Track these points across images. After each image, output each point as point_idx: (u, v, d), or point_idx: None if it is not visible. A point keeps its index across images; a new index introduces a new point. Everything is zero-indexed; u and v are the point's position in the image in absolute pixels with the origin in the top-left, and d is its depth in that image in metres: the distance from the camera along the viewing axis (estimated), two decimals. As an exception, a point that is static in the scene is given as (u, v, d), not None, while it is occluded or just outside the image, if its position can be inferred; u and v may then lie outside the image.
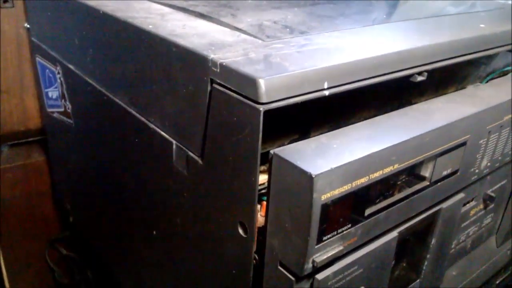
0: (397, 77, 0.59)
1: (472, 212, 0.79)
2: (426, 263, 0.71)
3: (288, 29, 0.66)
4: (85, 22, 0.81)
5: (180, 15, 0.71)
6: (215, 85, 0.52)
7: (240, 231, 0.55)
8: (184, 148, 0.61)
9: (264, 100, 0.47)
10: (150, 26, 0.63)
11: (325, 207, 0.47)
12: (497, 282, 1.09)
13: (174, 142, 0.63)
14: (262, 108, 0.47)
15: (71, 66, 0.90)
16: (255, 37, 0.61)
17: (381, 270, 0.61)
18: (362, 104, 0.69)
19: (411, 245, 0.68)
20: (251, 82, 0.47)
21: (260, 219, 0.55)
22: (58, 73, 0.99)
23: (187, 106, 0.59)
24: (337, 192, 0.48)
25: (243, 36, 0.62)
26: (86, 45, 0.82)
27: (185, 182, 0.63)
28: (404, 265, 0.70)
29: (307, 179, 0.45)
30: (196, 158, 0.59)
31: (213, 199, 0.59)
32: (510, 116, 0.70)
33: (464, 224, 0.79)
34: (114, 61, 0.74)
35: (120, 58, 0.72)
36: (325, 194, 0.47)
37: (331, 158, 0.48)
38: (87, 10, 0.77)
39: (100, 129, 0.87)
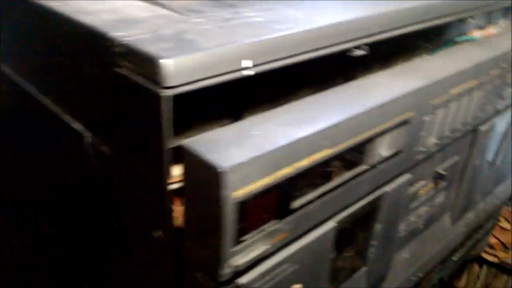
0: (332, 52, 0.54)
1: (422, 192, 0.75)
2: (371, 249, 0.67)
3: (215, 1, 0.59)
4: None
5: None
6: (119, 68, 0.46)
7: (159, 232, 0.50)
8: (96, 140, 0.55)
9: (170, 83, 0.41)
10: (58, 3, 0.55)
11: (240, 204, 0.42)
12: (454, 259, 1.07)
13: (86, 134, 0.56)
14: (168, 93, 0.41)
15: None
16: (175, 11, 0.55)
17: (320, 264, 0.56)
18: (303, 81, 0.63)
19: (354, 233, 0.64)
20: (154, 63, 0.41)
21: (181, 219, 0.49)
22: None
23: (94, 93, 0.52)
24: (255, 186, 0.42)
25: (162, 11, 0.55)
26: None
27: (100, 178, 0.57)
28: (347, 254, 0.65)
29: (215, 174, 0.39)
30: (108, 151, 0.53)
31: (128, 196, 0.53)
32: (457, 89, 0.65)
33: (414, 204, 0.75)
34: (25, 44, 0.66)
35: (30, 41, 0.64)
36: (239, 190, 0.41)
37: (248, 148, 0.42)
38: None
39: (17, 123, 0.80)
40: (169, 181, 0.45)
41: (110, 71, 0.47)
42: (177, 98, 0.42)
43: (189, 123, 0.51)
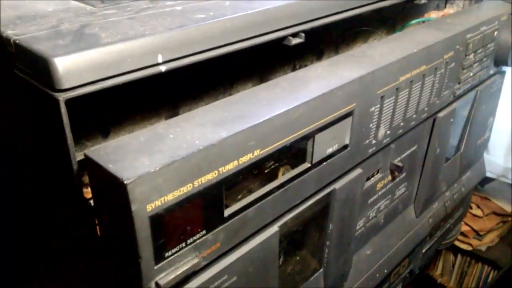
0: (263, 42, 0.49)
1: (379, 186, 0.70)
2: (327, 250, 0.63)
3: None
4: None
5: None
6: (15, 70, 0.40)
7: (86, 243, 0.45)
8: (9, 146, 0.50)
9: (63, 85, 0.36)
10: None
11: (156, 218, 0.37)
12: (423, 250, 1.03)
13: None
14: (62, 97, 0.36)
15: None
16: (86, 3, 0.49)
17: (264, 272, 0.52)
18: (247, 73, 0.59)
19: (305, 234, 0.59)
20: (44, 63, 0.36)
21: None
22: None
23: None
24: (172, 196, 0.37)
25: (72, 3, 0.50)
26: None
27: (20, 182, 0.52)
28: (300, 257, 0.61)
29: (121, 186, 0.34)
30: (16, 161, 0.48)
31: (48, 203, 0.48)
32: (407, 76, 0.60)
33: (372, 199, 0.70)
34: None
35: None
36: (153, 203, 0.36)
37: (161, 154, 0.37)
38: None
39: None
40: (85, 191, 0.40)
41: (9, 73, 0.41)
42: (89, 99, 0.37)
43: (112, 126, 0.46)
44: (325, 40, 0.69)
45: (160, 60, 0.41)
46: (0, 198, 0.60)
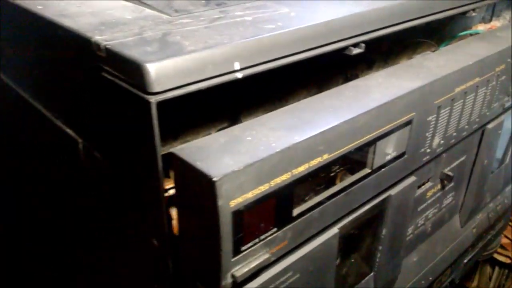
0: (327, 51, 0.51)
1: (429, 194, 0.72)
2: (378, 255, 0.64)
3: (203, 1, 0.57)
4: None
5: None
6: (103, 73, 0.43)
7: (154, 240, 0.47)
8: (88, 146, 0.53)
9: (154, 89, 0.39)
10: (39, 7, 0.53)
11: (237, 214, 0.39)
12: (465, 261, 1.04)
13: (79, 140, 0.54)
14: (153, 100, 0.39)
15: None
16: (161, 12, 0.53)
17: (323, 271, 0.54)
18: (302, 80, 0.61)
19: (359, 238, 0.61)
20: (137, 68, 0.39)
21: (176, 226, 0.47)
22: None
23: (81, 99, 0.50)
24: (252, 194, 0.40)
25: (147, 11, 0.53)
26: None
27: (94, 185, 0.55)
28: (353, 260, 0.63)
29: (209, 183, 0.37)
30: (101, 157, 0.51)
31: (123, 204, 0.51)
32: (462, 87, 0.62)
33: (421, 207, 0.72)
34: (13, 49, 0.65)
35: (17, 45, 0.62)
36: (236, 199, 0.39)
37: (242, 154, 0.40)
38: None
39: (14, 129, 0.78)
40: (164, 188, 0.43)
41: (96, 77, 0.45)
42: (166, 103, 0.40)
43: (180, 129, 0.49)
44: (376, 50, 0.71)
45: (237, 67, 0.44)
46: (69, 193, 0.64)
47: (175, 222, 0.46)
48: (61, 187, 0.66)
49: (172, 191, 0.44)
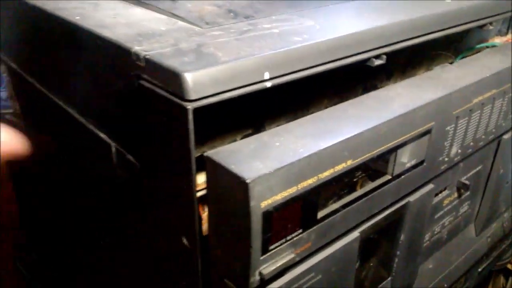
0: (350, 62, 0.54)
1: (446, 202, 0.74)
2: (396, 260, 0.66)
3: (232, 14, 0.60)
4: (19, 16, 0.74)
5: (115, 3, 0.64)
6: (142, 81, 0.46)
7: (184, 240, 0.50)
8: (122, 150, 0.55)
9: (191, 96, 0.41)
10: (77, 18, 0.57)
11: (267, 214, 0.42)
12: (479, 270, 1.05)
13: (112, 144, 0.57)
14: (190, 106, 0.41)
15: (12, 65, 0.83)
16: (192, 24, 0.55)
17: (344, 274, 0.56)
18: (323, 90, 0.64)
19: (378, 243, 0.63)
20: (176, 77, 0.42)
21: (206, 227, 0.49)
22: (4, 72, 0.93)
23: (118, 105, 0.53)
24: (280, 197, 0.43)
25: (180, 23, 0.56)
26: (22, 41, 0.76)
27: (126, 187, 0.58)
28: (372, 264, 0.65)
29: (242, 185, 0.40)
30: (134, 161, 0.54)
31: (155, 206, 0.54)
32: (479, 98, 0.64)
33: (438, 215, 0.74)
34: (48, 56, 0.68)
35: (53, 53, 0.66)
36: (266, 201, 0.41)
37: (271, 159, 0.42)
38: (20, 3, 0.70)
39: (47, 132, 0.81)
40: (196, 189, 0.46)
41: (134, 85, 0.47)
42: (197, 110, 0.42)
43: (208, 134, 0.52)
44: (395, 62, 0.73)
45: (266, 77, 0.46)
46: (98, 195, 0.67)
47: (204, 222, 0.48)
48: (92, 189, 0.69)
49: (200, 193, 0.47)
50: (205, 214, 0.49)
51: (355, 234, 0.55)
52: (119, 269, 0.71)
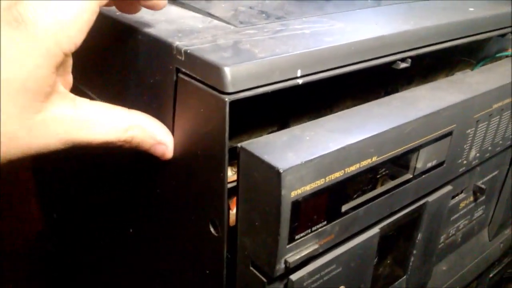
0: (377, 64, 0.56)
1: (462, 205, 0.76)
2: (412, 259, 0.68)
3: (264, 15, 0.62)
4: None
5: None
6: (181, 75, 0.49)
7: (212, 229, 0.52)
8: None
9: (229, 89, 0.44)
10: (117, 13, 0.59)
11: (296, 204, 0.44)
12: (491, 275, 1.07)
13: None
14: (227, 99, 0.44)
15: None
16: (227, 23, 0.58)
17: (363, 268, 0.58)
18: (346, 92, 0.66)
19: (396, 241, 0.65)
20: (216, 71, 0.44)
21: (233, 216, 0.52)
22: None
23: (155, 97, 0.55)
24: (309, 187, 0.45)
25: (215, 22, 0.58)
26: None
27: (157, 176, 0.60)
28: (389, 261, 0.67)
29: (275, 174, 0.42)
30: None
31: (184, 195, 0.56)
32: (499, 104, 0.66)
33: (454, 217, 0.76)
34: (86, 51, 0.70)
35: (90, 48, 0.68)
36: (296, 190, 0.44)
37: (302, 151, 0.45)
38: None
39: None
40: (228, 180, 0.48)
41: (173, 78, 0.50)
42: (230, 105, 0.45)
43: (237, 129, 0.54)
44: (417, 66, 0.75)
45: (299, 74, 0.49)
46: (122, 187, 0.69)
47: (231, 212, 0.51)
48: (124, 180, 0.71)
49: (230, 185, 0.49)
50: (232, 205, 0.52)
51: (375, 230, 0.57)
52: (141, 258, 0.73)
